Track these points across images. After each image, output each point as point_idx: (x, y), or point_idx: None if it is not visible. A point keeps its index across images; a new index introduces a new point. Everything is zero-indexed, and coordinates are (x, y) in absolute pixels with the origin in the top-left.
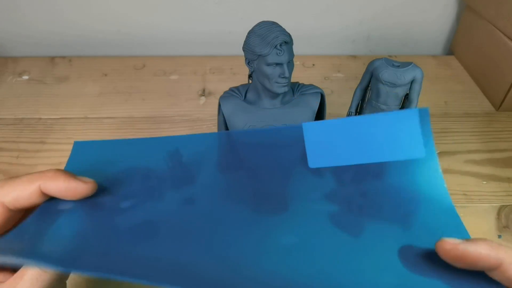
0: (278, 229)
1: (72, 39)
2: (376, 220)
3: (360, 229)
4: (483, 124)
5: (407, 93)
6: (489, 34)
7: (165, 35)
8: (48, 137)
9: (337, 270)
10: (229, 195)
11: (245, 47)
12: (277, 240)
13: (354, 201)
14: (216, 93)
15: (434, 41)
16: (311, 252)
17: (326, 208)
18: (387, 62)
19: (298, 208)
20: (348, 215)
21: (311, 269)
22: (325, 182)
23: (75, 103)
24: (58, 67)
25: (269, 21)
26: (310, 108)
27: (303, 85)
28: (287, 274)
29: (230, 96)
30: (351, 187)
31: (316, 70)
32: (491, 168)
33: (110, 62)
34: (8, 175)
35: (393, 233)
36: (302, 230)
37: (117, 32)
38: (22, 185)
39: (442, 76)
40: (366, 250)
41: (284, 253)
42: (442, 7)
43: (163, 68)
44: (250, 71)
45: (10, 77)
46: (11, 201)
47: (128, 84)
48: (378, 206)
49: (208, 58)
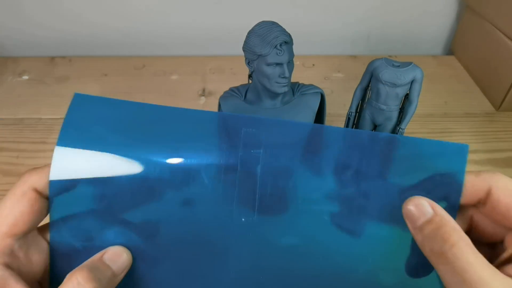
0: (278, 230)
1: (72, 39)
2: (377, 220)
3: (361, 229)
4: (483, 124)
5: (407, 93)
6: (489, 34)
7: (165, 35)
8: (48, 137)
9: (337, 270)
10: (228, 195)
11: (245, 47)
12: (278, 241)
13: (355, 201)
14: (216, 93)
15: (434, 41)
16: (311, 253)
17: (326, 208)
18: (387, 62)
19: (298, 209)
20: (349, 215)
21: (312, 270)
22: (326, 182)
23: None
24: (58, 67)
25: (269, 21)
26: (310, 108)
27: (303, 85)
28: (287, 275)
29: (230, 96)
30: (352, 187)
31: (316, 70)
32: (491, 168)
33: (110, 62)
34: (8, 175)
35: (394, 233)
36: (303, 231)
37: (117, 32)
38: (45, 171)
39: (442, 76)
40: (367, 251)
41: (284, 254)
42: (442, 7)
43: (163, 68)
44: (250, 71)
45: (10, 77)
46: (43, 186)
47: (128, 84)
48: (380, 206)
49: (208, 58)
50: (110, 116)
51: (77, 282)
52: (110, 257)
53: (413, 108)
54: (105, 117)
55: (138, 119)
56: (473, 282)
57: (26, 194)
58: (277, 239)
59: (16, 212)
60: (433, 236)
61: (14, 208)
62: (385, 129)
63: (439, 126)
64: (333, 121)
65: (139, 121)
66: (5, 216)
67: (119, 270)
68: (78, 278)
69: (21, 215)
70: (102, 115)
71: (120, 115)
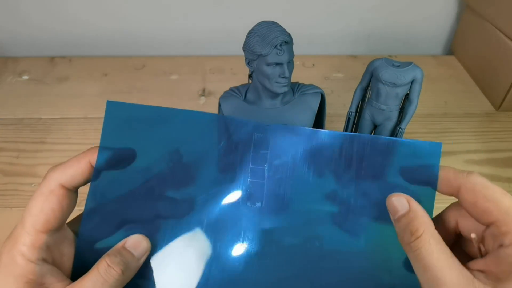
0: (279, 229)
1: (72, 39)
2: (376, 220)
3: (361, 229)
4: (483, 124)
5: (407, 93)
6: (489, 34)
7: (165, 35)
8: (48, 137)
9: (338, 269)
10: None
11: (245, 47)
12: (279, 241)
13: (354, 201)
14: (216, 93)
15: (434, 41)
16: (311, 253)
17: (327, 208)
18: (387, 62)
19: (299, 209)
20: (349, 215)
21: (312, 270)
22: (326, 182)
23: (75, 103)
24: (58, 67)
25: (269, 21)
26: (310, 108)
27: (303, 85)
28: (287, 275)
29: (230, 96)
30: (351, 187)
31: (316, 70)
32: (491, 168)
33: (110, 62)
34: (8, 175)
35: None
36: (303, 231)
37: (117, 32)
38: (73, 164)
39: (442, 76)
40: (367, 250)
41: (284, 253)
42: (442, 7)
43: (163, 68)
44: (250, 71)
45: (10, 77)
46: (68, 180)
47: (128, 84)
48: (379, 205)
49: (208, 58)
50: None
51: (106, 265)
52: (131, 245)
53: (413, 108)
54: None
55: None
56: (433, 269)
57: (53, 191)
58: (279, 239)
59: (47, 210)
60: (405, 228)
61: (44, 206)
62: (385, 129)
63: (439, 126)
64: (333, 121)
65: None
66: (37, 214)
67: (140, 255)
68: (107, 261)
69: (52, 212)
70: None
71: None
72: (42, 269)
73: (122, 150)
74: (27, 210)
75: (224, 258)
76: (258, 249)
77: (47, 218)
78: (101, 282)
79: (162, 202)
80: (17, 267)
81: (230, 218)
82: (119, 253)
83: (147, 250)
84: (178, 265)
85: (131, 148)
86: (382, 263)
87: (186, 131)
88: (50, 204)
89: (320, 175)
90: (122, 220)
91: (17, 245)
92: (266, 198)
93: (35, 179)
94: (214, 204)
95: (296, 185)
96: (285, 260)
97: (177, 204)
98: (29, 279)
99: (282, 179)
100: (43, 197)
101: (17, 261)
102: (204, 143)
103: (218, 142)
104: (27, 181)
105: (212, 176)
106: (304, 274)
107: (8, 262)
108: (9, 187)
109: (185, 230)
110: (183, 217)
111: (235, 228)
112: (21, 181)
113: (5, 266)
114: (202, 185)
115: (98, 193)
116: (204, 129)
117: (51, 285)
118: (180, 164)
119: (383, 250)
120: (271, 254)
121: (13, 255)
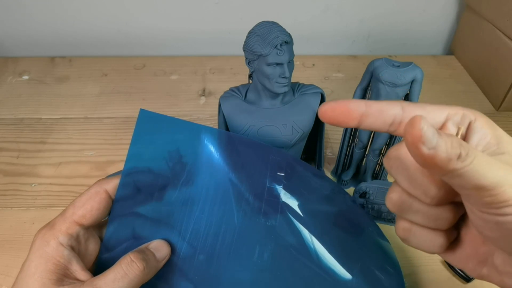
0: (277, 230)
1: (72, 39)
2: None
3: (361, 229)
4: None
5: (407, 93)
6: (489, 34)
7: (165, 35)
8: (48, 137)
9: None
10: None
11: (245, 47)
12: (280, 241)
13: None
14: (216, 93)
15: (434, 41)
16: (311, 253)
17: (325, 208)
18: (387, 62)
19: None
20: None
21: (311, 270)
22: (325, 183)
23: (75, 103)
24: (58, 67)
25: (269, 21)
26: (310, 108)
27: (303, 85)
28: (287, 274)
29: (230, 96)
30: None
31: (316, 70)
32: None
33: (110, 62)
34: (8, 175)
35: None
36: (301, 231)
37: (117, 32)
38: (117, 179)
39: (442, 76)
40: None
41: (284, 253)
42: (442, 7)
43: (163, 68)
44: (250, 71)
45: (10, 77)
46: (112, 189)
47: (128, 84)
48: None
49: (208, 58)
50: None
51: (130, 259)
52: (154, 247)
53: None
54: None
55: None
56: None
57: (98, 193)
58: (277, 239)
59: (88, 206)
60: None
61: (86, 203)
62: None
63: None
64: None
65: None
66: (78, 207)
67: (161, 258)
68: (131, 257)
69: (91, 210)
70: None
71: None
72: (70, 255)
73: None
74: (72, 203)
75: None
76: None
77: (85, 213)
78: (121, 274)
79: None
80: (49, 248)
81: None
82: (142, 251)
83: (168, 254)
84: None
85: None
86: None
87: None
88: (92, 202)
89: (321, 177)
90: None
91: (53, 230)
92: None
93: (35, 179)
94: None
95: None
96: (283, 261)
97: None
98: (58, 261)
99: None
100: (88, 196)
101: (50, 243)
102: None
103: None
104: (27, 181)
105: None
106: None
107: (42, 244)
108: (9, 187)
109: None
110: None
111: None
112: (21, 181)
113: (38, 248)
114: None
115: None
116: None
117: (75, 272)
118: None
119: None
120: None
121: (48, 238)
